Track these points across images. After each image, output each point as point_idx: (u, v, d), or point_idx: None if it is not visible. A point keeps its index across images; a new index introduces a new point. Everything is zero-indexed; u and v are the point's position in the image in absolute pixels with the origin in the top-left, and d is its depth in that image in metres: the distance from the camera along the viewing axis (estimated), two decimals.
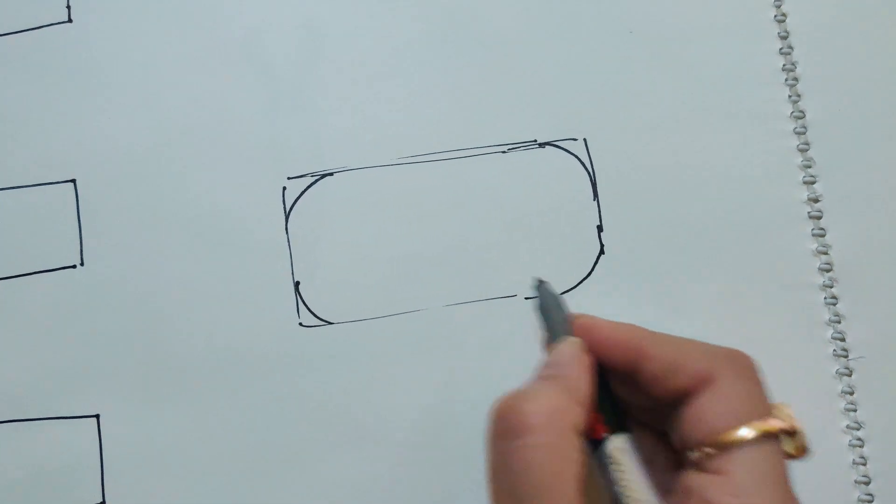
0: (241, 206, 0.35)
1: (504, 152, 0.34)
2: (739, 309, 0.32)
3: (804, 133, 0.33)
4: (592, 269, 0.33)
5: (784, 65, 0.34)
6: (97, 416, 0.34)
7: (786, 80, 0.34)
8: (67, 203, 0.36)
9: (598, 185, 0.34)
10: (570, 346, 0.26)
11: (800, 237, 0.33)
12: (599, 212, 0.34)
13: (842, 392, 0.32)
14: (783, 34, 0.34)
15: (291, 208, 0.35)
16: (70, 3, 0.37)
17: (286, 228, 0.35)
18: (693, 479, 0.23)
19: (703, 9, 0.34)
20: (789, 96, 0.33)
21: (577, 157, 0.34)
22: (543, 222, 0.34)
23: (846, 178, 0.33)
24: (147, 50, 0.36)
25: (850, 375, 0.32)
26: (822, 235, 0.32)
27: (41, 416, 0.34)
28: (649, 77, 0.34)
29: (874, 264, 0.32)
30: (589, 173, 0.34)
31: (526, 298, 0.33)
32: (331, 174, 0.35)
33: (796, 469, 0.23)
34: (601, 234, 0.34)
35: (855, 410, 0.31)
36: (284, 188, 0.35)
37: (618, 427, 0.25)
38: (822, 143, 0.33)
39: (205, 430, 0.33)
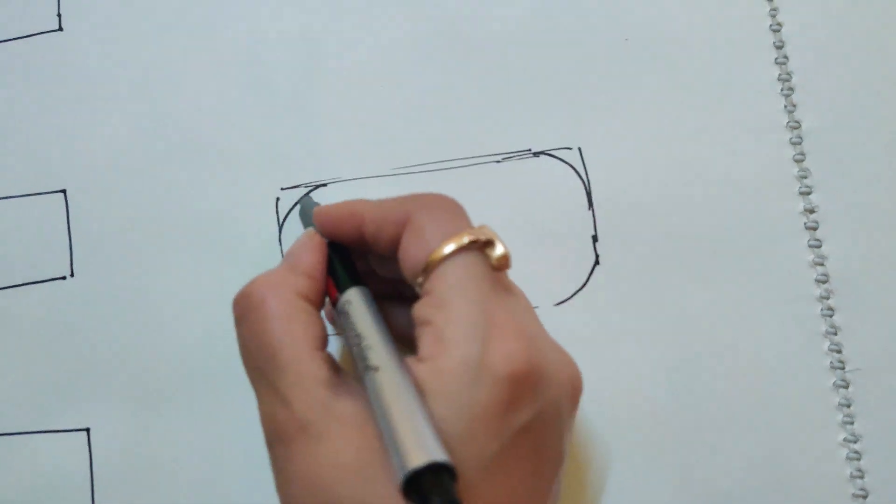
0: (235, 216, 0.34)
1: (498, 162, 0.34)
2: (735, 319, 0.32)
3: (800, 143, 0.33)
4: (587, 280, 0.33)
5: (780, 75, 0.34)
6: (87, 430, 0.34)
7: (781, 90, 0.33)
8: (57, 213, 0.35)
9: (592, 195, 0.34)
10: (301, 236, 0.29)
11: (796, 248, 0.32)
12: (594, 222, 0.33)
13: (839, 404, 0.31)
14: (779, 44, 0.34)
15: (285, 219, 0.34)
16: (61, 12, 0.37)
17: (279, 239, 0.34)
18: (415, 308, 0.25)
19: (699, 18, 0.34)
20: (785, 106, 0.33)
21: (571, 166, 0.34)
22: (538, 232, 0.34)
23: (842, 189, 0.33)
24: (139, 59, 0.36)
25: (846, 387, 0.31)
26: (819, 246, 0.32)
27: (30, 430, 0.34)
28: (644, 86, 0.34)
29: (871, 275, 0.32)
30: (584, 183, 0.34)
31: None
32: (324, 185, 0.34)
33: (793, 483, 0.23)
34: (596, 244, 0.33)
35: (852, 423, 0.31)
36: (278, 199, 0.34)
37: (347, 287, 0.27)
38: (819, 154, 0.33)
39: (197, 444, 0.33)
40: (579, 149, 0.34)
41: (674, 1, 0.35)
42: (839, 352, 0.32)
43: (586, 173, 0.34)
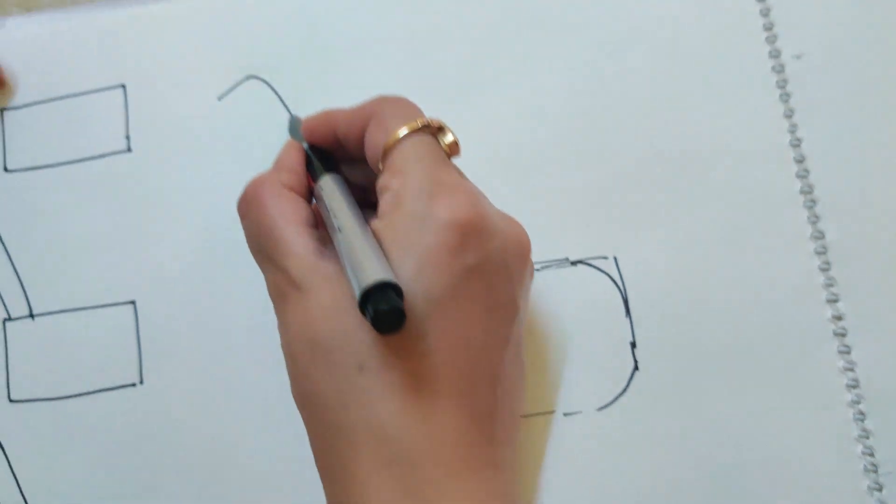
0: None
1: (537, 270, 0.36)
2: (770, 426, 0.34)
3: (824, 253, 0.35)
4: (627, 386, 0.35)
5: (801, 187, 0.36)
6: None
7: (804, 202, 0.35)
8: (127, 323, 0.38)
9: (629, 302, 0.36)
10: (284, 145, 0.34)
11: (826, 355, 0.34)
12: (632, 328, 0.35)
13: None
14: (799, 158, 0.36)
15: None
16: (129, 135, 0.40)
17: None
18: (377, 182, 0.29)
19: (724, 134, 0.36)
20: (808, 217, 0.35)
21: (608, 274, 0.36)
22: (578, 338, 0.35)
23: (868, 296, 0.34)
24: (202, 179, 0.39)
25: (880, 490, 0.33)
26: (848, 353, 0.34)
27: None
28: (676, 197, 0.36)
29: None
30: (620, 291, 0.36)
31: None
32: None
33: None
34: (635, 350, 0.35)
35: None
36: None
37: (321, 176, 0.32)
38: (843, 263, 0.35)
39: None
40: (615, 257, 0.36)
41: (704, 115, 0.37)
42: (871, 455, 0.33)
43: (622, 281, 0.36)
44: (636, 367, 0.35)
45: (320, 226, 0.31)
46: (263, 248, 0.30)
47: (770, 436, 0.33)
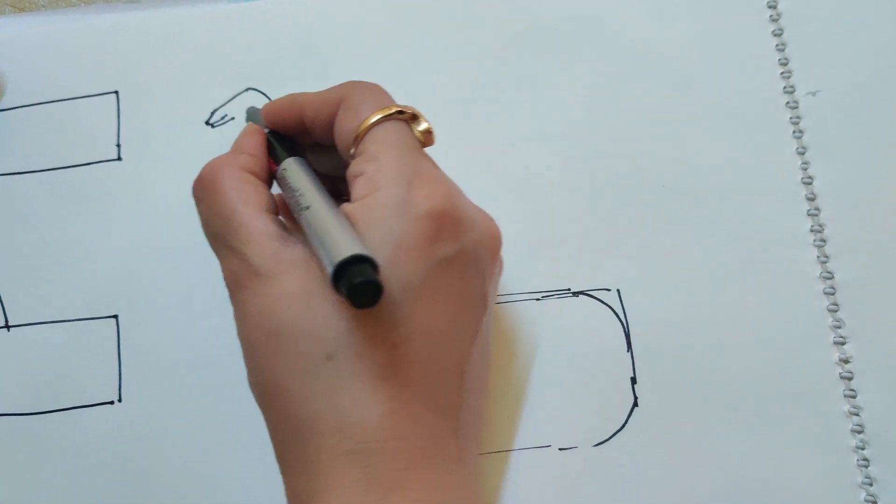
0: None
1: (538, 300, 0.35)
2: (772, 468, 0.33)
3: (833, 294, 0.34)
4: (626, 422, 0.34)
5: (812, 226, 0.35)
6: None
7: (814, 241, 0.35)
8: (109, 338, 0.36)
9: (631, 337, 0.35)
10: (243, 129, 0.33)
11: (831, 398, 0.33)
12: (633, 363, 0.34)
13: None
14: (810, 196, 0.35)
15: None
16: (120, 143, 0.38)
17: None
18: (349, 169, 0.28)
19: (733, 169, 0.36)
20: (818, 257, 0.35)
21: (610, 307, 0.35)
22: (577, 371, 0.34)
23: (876, 340, 0.34)
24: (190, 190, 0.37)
25: None
26: (854, 396, 0.33)
27: None
28: (681, 231, 0.35)
29: None
30: (622, 324, 0.35)
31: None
32: None
33: None
34: (635, 385, 0.34)
35: None
36: None
37: (284, 159, 0.31)
38: (852, 305, 0.34)
39: None
40: (618, 290, 0.35)
41: (715, 148, 0.36)
42: (875, 502, 0.32)
43: (625, 315, 0.35)
44: (636, 404, 0.34)
45: (282, 213, 0.30)
46: (220, 234, 0.28)
47: (771, 480, 0.33)
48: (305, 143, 0.32)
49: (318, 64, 0.38)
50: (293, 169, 0.30)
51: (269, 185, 0.31)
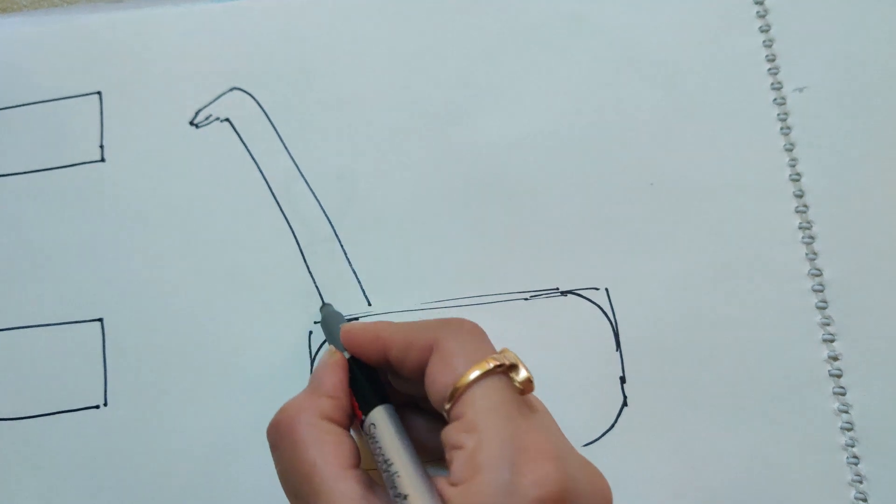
0: (267, 349, 0.35)
1: (526, 299, 0.35)
2: (762, 465, 0.33)
3: (822, 291, 0.34)
4: (616, 421, 0.34)
5: (800, 223, 0.35)
6: None
7: (802, 238, 0.35)
8: (94, 342, 0.36)
9: (620, 336, 0.34)
10: (323, 356, 0.31)
11: (820, 395, 0.33)
12: (622, 362, 0.34)
13: None
14: (798, 193, 0.35)
15: (316, 354, 0.35)
16: (104, 144, 0.38)
17: (311, 371, 0.35)
18: (445, 432, 0.26)
19: (721, 166, 0.36)
20: (806, 255, 0.34)
21: (599, 306, 0.35)
22: (566, 371, 0.34)
23: (865, 337, 0.33)
24: (177, 192, 0.37)
25: None
26: (843, 394, 0.33)
27: None
28: (670, 229, 0.35)
29: None
30: (611, 323, 0.35)
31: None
32: (356, 318, 0.35)
33: None
34: (624, 385, 0.34)
35: None
36: (311, 332, 0.35)
37: (371, 407, 0.28)
38: (841, 301, 0.34)
39: None
40: (606, 289, 0.35)
41: (703, 146, 0.36)
42: (865, 501, 0.32)
43: (614, 314, 0.35)
44: (625, 403, 0.34)
45: (365, 461, 0.28)
46: (300, 492, 0.27)
47: (761, 478, 0.32)
48: (387, 369, 0.30)
49: (302, 63, 0.38)
50: (383, 428, 0.28)
51: (349, 422, 0.29)
